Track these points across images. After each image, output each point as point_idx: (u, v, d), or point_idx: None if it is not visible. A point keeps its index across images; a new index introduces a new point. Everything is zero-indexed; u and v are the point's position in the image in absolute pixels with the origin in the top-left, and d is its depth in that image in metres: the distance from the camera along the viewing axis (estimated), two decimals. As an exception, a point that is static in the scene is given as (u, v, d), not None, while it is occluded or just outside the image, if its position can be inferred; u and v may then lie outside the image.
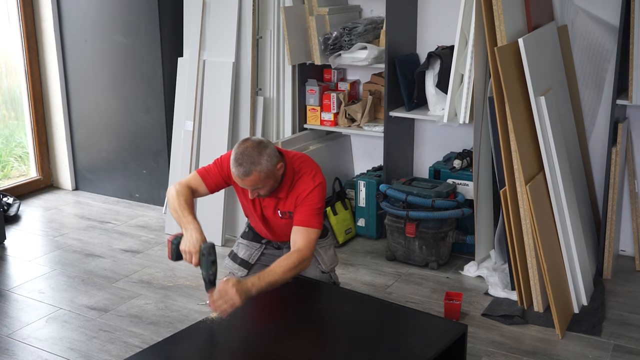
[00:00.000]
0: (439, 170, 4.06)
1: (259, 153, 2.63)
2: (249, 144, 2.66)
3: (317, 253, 3.02)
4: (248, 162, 2.61)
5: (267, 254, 3.08)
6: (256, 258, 3.08)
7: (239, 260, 3.10)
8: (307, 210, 2.75)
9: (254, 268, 3.05)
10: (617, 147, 3.53)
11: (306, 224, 2.74)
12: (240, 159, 2.62)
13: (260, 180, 2.65)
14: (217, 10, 4.17)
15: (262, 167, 2.63)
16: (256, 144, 2.65)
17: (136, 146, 4.90)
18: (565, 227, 3.28)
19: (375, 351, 2.43)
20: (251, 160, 2.61)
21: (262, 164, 2.63)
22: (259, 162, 2.62)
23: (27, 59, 5.05)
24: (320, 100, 4.34)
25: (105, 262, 4.00)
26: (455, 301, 3.31)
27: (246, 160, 2.61)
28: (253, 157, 2.62)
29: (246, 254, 3.10)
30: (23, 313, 3.41)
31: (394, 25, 3.98)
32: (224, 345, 2.57)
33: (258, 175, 2.63)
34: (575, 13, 3.80)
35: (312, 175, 2.80)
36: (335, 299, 2.94)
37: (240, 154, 2.63)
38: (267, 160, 2.64)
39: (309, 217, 2.74)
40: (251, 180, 2.64)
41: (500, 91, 3.15)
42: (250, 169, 2.61)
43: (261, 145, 2.66)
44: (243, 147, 2.65)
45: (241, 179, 2.65)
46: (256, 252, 3.09)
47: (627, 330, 3.19)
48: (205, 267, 2.56)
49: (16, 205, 4.72)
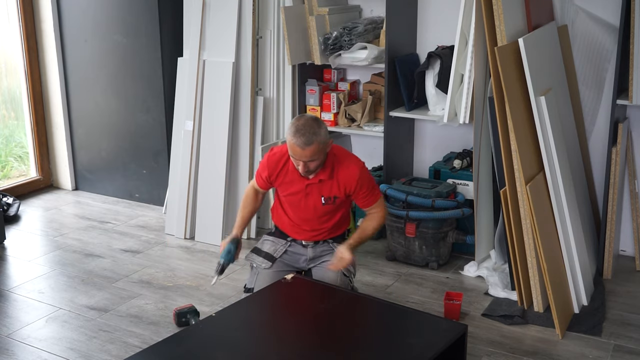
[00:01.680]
0: (439, 170, 4.06)
1: (318, 125, 2.82)
2: (308, 117, 2.87)
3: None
4: (310, 133, 2.78)
5: (291, 251, 3.11)
6: (281, 253, 3.11)
7: (263, 253, 3.12)
8: (367, 193, 3.01)
9: (277, 262, 3.07)
10: (617, 147, 3.53)
11: (373, 202, 3.04)
12: (303, 129, 2.79)
13: (317, 151, 2.81)
14: (217, 10, 4.17)
15: (321, 138, 2.81)
16: (314, 119, 2.88)
17: (136, 146, 4.90)
18: (565, 227, 3.28)
19: (375, 351, 2.43)
20: (312, 130, 2.79)
21: (322, 135, 2.82)
22: (319, 133, 2.80)
23: (27, 59, 5.05)
24: (320, 100, 4.34)
25: (105, 262, 4.00)
26: (455, 301, 3.31)
27: (308, 131, 2.79)
28: (314, 127, 2.80)
29: (271, 249, 3.14)
30: (23, 313, 3.41)
31: (394, 25, 3.98)
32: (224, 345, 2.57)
33: (317, 145, 2.79)
34: (575, 13, 3.80)
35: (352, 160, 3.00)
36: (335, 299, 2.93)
37: (302, 126, 2.80)
38: (325, 132, 2.85)
39: (371, 197, 3.02)
40: (311, 149, 2.79)
41: (500, 91, 3.15)
42: (312, 139, 2.78)
43: (318, 120, 2.88)
44: (303, 120, 2.84)
45: (302, 148, 2.79)
46: (281, 248, 3.13)
47: (627, 330, 3.19)
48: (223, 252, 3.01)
49: (16, 205, 4.72)
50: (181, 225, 4.36)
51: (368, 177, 3.02)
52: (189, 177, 4.31)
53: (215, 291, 3.60)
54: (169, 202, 4.53)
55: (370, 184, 3.02)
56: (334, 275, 3.01)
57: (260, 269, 3.06)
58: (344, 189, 2.98)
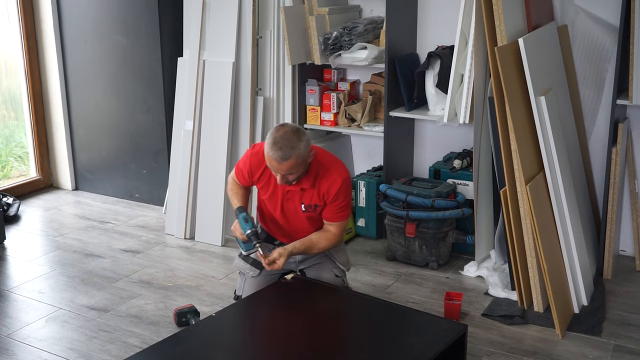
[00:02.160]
0: (439, 170, 4.06)
1: (298, 138, 2.66)
2: (288, 128, 2.69)
3: (330, 255, 3.03)
4: (288, 147, 2.64)
5: None
6: None
7: (250, 260, 3.08)
8: (336, 209, 2.89)
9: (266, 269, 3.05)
10: (617, 147, 3.53)
11: (336, 220, 2.92)
12: (280, 142, 2.64)
13: (295, 165, 2.69)
14: (217, 10, 4.17)
15: (300, 152, 2.66)
16: (295, 129, 2.70)
17: (136, 146, 4.90)
18: (565, 227, 3.28)
19: (375, 351, 2.43)
20: (291, 144, 2.64)
21: (301, 149, 2.66)
22: (298, 147, 2.65)
23: (27, 59, 5.05)
24: (320, 100, 4.34)
25: (105, 262, 4.00)
26: (455, 301, 3.31)
27: (286, 145, 2.64)
28: (293, 141, 2.65)
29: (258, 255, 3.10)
30: (23, 313, 3.41)
31: (394, 25, 3.98)
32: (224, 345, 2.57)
33: (295, 160, 2.66)
34: (575, 13, 3.80)
35: (337, 171, 2.86)
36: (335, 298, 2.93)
37: (280, 138, 2.65)
38: (304, 146, 2.69)
39: (337, 214, 2.91)
40: (288, 164, 2.67)
41: (500, 91, 3.15)
42: (290, 154, 2.64)
43: (299, 131, 2.71)
44: (283, 131, 2.68)
45: (278, 163, 2.67)
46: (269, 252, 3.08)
47: (627, 330, 3.19)
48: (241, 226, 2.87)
49: (16, 205, 4.72)
50: (181, 225, 4.35)
51: (346, 192, 2.89)
52: (189, 177, 4.31)
53: (215, 291, 3.60)
54: (169, 202, 4.53)
55: (345, 201, 2.89)
56: (327, 277, 3.01)
57: (249, 276, 3.05)
58: (324, 198, 2.88)
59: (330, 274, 3.02)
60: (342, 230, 2.98)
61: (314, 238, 2.93)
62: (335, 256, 3.07)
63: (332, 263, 3.04)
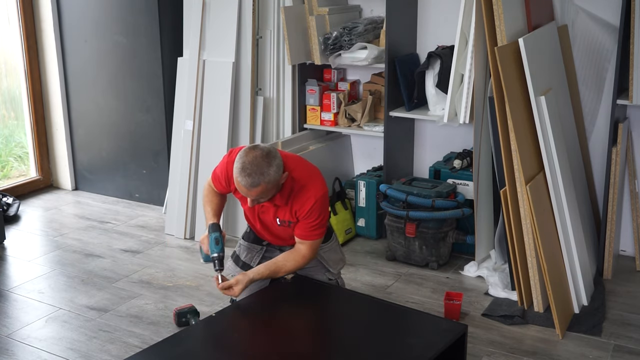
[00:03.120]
0: (439, 170, 4.06)
1: (268, 164, 2.51)
2: (258, 153, 2.53)
3: (321, 258, 3.01)
4: (257, 173, 2.50)
5: (268, 257, 3.04)
6: (257, 261, 3.06)
7: (240, 263, 3.08)
8: (307, 227, 2.76)
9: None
10: (617, 147, 3.53)
11: (307, 238, 2.78)
12: (249, 168, 2.51)
13: (265, 191, 2.57)
14: (217, 10, 4.17)
15: (269, 179, 2.53)
16: (265, 154, 2.53)
17: (136, 146, 4.90)
18: (565, 227, 3.28)
19: (376, 351, 2.43)
20: (260, 171, 2.50)
21: (271, 174, 2.53)
22: (268, 174, 2.52)
23: (27, 59, 5.05)
24: (320, 100, 4.34)
25: (105, 262, 4.00)
26: (455, 301, 3.31)
27: (255, 171, 2.50)
28: (262, 167, 2.51)
29: (247, 257, 3.08)
30: (23, 313, 3.41)
31: (394, 25, 3.98)
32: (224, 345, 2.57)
33: (265, 186, 2.54)
34: (575, 13, 3.80)
35: (312, 188, 2.70)
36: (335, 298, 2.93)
37: (249, 163, 2.51)
38: (275, 171, 2.54)
39: (309, 232, 2.77)
40: (257, 191, 2.55)
41: (500, 91, 3.15)
42: (259, 181, 2.51)
43: (270, 155, 2.54)
44: (252, 155, 2.52)
45: (247, 189, 2.55)
46: (257, 255, 3.07)
47: (627, 330, 3.19)
48: (210, 245, 2.79)
49: (16, 205, 4.72)
50: (181, 225, 4.35)
51: (321, 210, 2.72)
52: (189, 177, 4.31)
53: (215, 291, 3.60)
54: (168, 202, 4.53)
55: (319, 219, 2.72)
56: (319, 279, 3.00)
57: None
58: (296, 215, 2.75)
59: (323, 276, 3.01)
60: (314, 251, 2.81)
61: (280, 262, 2.81)
62: (325, 259, 3.02)
63: (324, 268, 3.02)
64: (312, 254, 2.82)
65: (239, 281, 2.73)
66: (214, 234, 2.73)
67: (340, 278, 3.12)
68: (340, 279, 3.11)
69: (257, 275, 2.79)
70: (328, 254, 3.03)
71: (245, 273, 2.78)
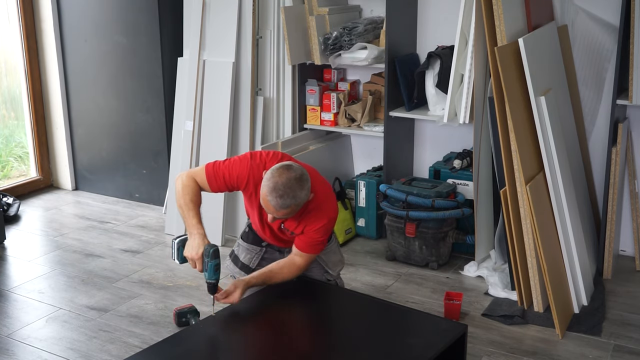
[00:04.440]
0: (439, 170, 4.06)
1: (301, 187, 2.54)
2: (292, 175, 2.54)
3: (321, 260, 3.00)
4: (289, 196, 2.52)
5: (268, 258, 3.04)
6: (257, 262, 3.05)
7: (239, 264, 3.08)
8: (311, 242, 2.77)
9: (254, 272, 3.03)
10: (617, 147, 3.53)
11: (307, 252, 2.79)
12: (282, 190, 2.51)
13: (293, 212, 2.59)
14: (217, 10, 4.17)
15: (300, 202, 2.56)
16: (299, 177, 2.55)
17: (136, 146, 4.90)
18: (565, 227, 3.28)
19: (375, 351, 2.43)
20: (293, 194, 2.52)
21: (301, 197, 2.55)
22: (299, 197, 2.54)
23: (27, 59, 5.05)
24: (320, 100, 4.34)
25: (105, 262, 4.00)
26: (455, 301, 3.31)
27: (288, 194, 2.51)
28: (296, 191, 2.53)
29: (247, 258, 3.08)
30: (23, 313, 3.41)
31: (394, 25, 3.98)
32: (224, 345, 2.57)
33: (295, 209, 2.57)
34: (575, 13, 3.80)
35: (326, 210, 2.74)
36: (335, 298, 2.93)
37: (282, 185, 2.51)
38: (305, 194, 2.57)
39: (311, 247, 2.79)
40: (286, 212, 2.57)
41: (500, 91, 3.15)
42: (290, 203, 2.53)
43: (303, 178, 2.57)
44: (286, 177, 2.53)
45: (276, 210, 2.55)
46: (257, 256, 3.07)
47: (627, 330, 3.19)
48: (209, 272, 2.65)
49: (16, 205, 4.72)
50: (181, 225, 4.35)
51: (327, 230, 2.77)
52: (189, 177, 4.30)
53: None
54: (169, 202, 4.53)
55: (323, 237, 2.77)
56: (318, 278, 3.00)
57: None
58: (304, 229, 2.76)
59: (322, 277, 3.01)
60: (309, 264, 2.84)
61: (275, 269, 2.80)
62: (325, 260, 3.02)
63: (322, 269, 3.02)
64: (306, 266, 2.85)
65: (236, 287, 2.70)
66: (215, 261, 2.63)
67: (340, 279, 3.12)
68: (339, 279, 3.10)
69: (252, 280, 2.77)
70: (328, 256, 3.02)
71: (240, 279, 2.77)
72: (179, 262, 2.76)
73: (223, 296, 2.69)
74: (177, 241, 2.73)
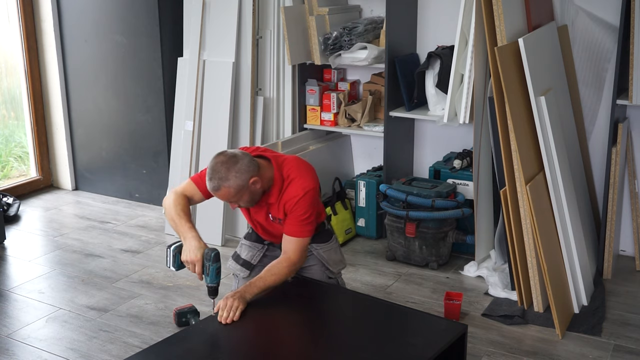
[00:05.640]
0: (439, 170, 4.06)
1: (227, 169, 2.62)
2: (220, 158, 2.66)
3: (321, 257, 3.01)
4: (216, 178, 2.63)
5: (270, 255, 3.05)
6: (258, 259, 3.06)
7: (241, 261, 3.09)
8: (295, 221, 2.76)
9: (256, 269, 3.04)
10: (617, 147, 3.53)
11: (294, 234, 2.77)
12: (211, 173, 2.65)
13: (231, 195, 2.66)
14: (217, 10, 4.17)
15: (230, 184, 2.63)
16: (227, 159, 2.64)
17: (136, 146, 4.90)
18: (565, 227, 3.28)
19: (376, 351, 2.43)
20: (219, 176, 2.62)
21: (230, 180, 2.62)
22: (227, 179, 2.62)
23: (27, 59, 5.05)
24: (320, 100, 4.34)
25: (105, 262, 4.00)
26: (455, 301, 3.31)
27: (215, 176, 2.63)
28: (221, 173, 2.62)
29: (248, 255, 3.09)
30: (23, 313, 3.41)
31: (394, 25, 3.98)
32: (224, 345, 2.57)
33: (227, 190, 2.64)
34: (575, 13, 3.80)
35: (301, 182, 2.75)
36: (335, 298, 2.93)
37: (210, 169, 2.65)
38: (235, 176, 2.62)
39: (296, 227, 2.76)
40: (222, 194, 2.67)
41: (500, 91, 3.15)
42: (220, 185, 2.63)
43: (232, 160, 2.64)
44: (214, 162, 2.66)
45: (213, 193, 2.70)
46: (258, 253, 3.08)
47: (627, 330, 3.19)
48: (210, 275, 2.66)
49: (16, 205, 4.72)
50: (181, 225, 4.35)
51: (307, 205, 2.73)
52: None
53: (215, 291, 3.60)
54: (169, 202, 4.52)
55: (307, 214, 2.74)
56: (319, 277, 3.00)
57: (240, 278, 3.06)
58: (284, 209, 2.77)
59: (323, 275, 3.01)
60: (301, 255, 2.78)
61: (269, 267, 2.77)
62: (326, 258, 3.02)
63: (323, 266, 3.03)
64: (301, 257, 2.79)
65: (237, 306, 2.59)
66: (216, 264, 2.65)
67: (341, 278, 3.12)
68: (340, 279, 3.11)
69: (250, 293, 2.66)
70: (328, 254, 3.02)
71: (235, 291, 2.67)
72: (175, 269, 2.77)
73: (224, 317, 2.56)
74: (173, 248, 2.74)
